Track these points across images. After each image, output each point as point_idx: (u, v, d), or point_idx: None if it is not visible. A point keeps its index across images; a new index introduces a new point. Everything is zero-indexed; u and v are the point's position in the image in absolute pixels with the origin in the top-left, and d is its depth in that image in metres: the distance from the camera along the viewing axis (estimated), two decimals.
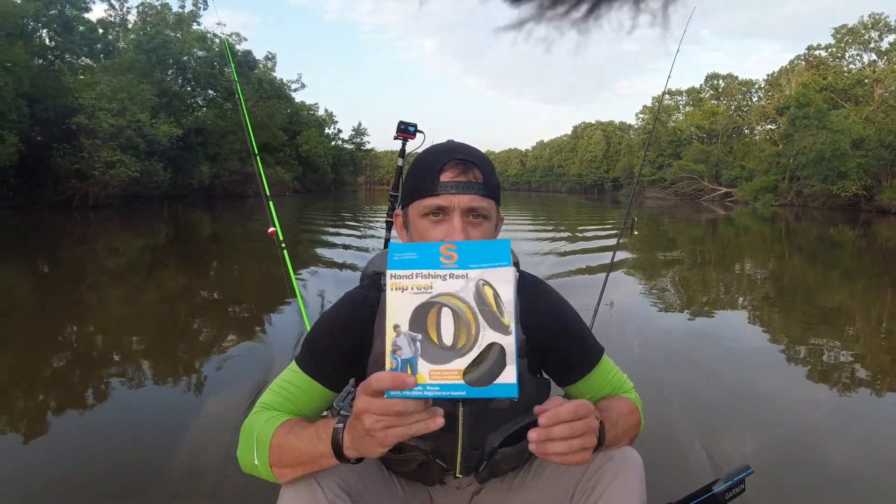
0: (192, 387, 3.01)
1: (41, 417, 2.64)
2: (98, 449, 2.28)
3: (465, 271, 0.74)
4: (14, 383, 3.08)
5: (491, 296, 0.74)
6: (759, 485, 1.87)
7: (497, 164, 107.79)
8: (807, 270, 8.63)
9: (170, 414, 2.64)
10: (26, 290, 5.82)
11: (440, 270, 0.75)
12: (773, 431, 2.56)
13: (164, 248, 9.80)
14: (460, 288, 0.74)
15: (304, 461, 0.88)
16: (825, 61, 36.72)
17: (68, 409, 2.70)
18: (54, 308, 4.89)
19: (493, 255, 0.74)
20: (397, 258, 0.76)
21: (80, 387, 3.01)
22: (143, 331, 4.20)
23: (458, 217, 0.90)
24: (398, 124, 2.25)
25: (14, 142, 14.14)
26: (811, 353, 3.93)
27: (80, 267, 7.39)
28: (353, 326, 0.99)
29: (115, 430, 2.47)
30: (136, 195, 18.04)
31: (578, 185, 71.17)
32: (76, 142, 16.23)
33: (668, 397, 2.82)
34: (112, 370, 3.23)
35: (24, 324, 4.38)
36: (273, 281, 5.25)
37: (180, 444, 2.24)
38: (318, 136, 47.31)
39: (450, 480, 1.10)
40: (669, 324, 4.59)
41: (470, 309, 0.74)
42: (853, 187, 25.37)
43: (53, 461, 2.15)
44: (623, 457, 0.97)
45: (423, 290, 0.75)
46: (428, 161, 0.94)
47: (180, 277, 6.74)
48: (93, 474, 2.06)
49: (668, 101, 49.68)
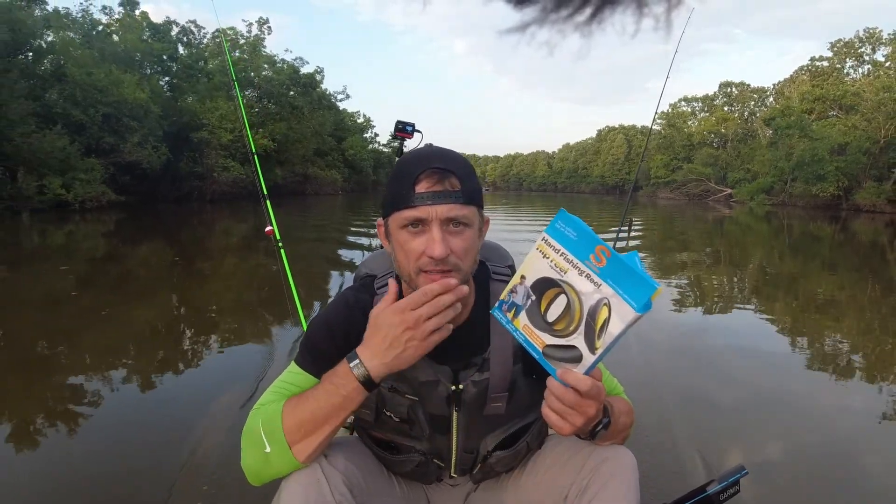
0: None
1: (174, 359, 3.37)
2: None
3: (601, 281, 0.75)
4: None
5: (603, 318, 0.74)
6: (754, 485, 1.94)
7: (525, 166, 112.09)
8: (786, 260, 9.77)
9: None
10: (177, 256, 8.63)
11: (583, 265, 0.76)
12: (767, 431, 2.56)
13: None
14: (587, 291, 0.76)
15: (325, 418, 0.87)
16: (826, 72, 39.94)
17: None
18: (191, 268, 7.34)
19: (633, 290, 0.72)
20: (559, 227, 0.79)
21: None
22: (252, 284, 6.04)
23: (436, 227, 0.86)
24: (395, 124, 2.17)
25: (164, 151, 19.49)
26: (808, 350, 4.04)
27: (215, 241, 11.15)
28: (347, 326, 0.99)
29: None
30: (237, 192, 23.27)
31: (601, 186, 74.68)
32: (198, 150, 21.62)
33: (662, 397, 2.86)
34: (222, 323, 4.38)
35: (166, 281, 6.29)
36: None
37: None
38: (360, 141, 52.41)
39: (446, 479, 1.12)
40: (668, 321, 4.64)
41: (581, 312, 0.76)
42: (831, 189, 29.05)
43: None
44: (617, 457, 0.97)
45: (558, 269, 0.79)
46: (404, 171, 0.90)
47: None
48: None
49: (685, 108, 53.31)
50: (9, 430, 2.50)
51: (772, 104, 45.76)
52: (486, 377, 0.99)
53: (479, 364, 0.99)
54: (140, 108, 18.61)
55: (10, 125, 14.47)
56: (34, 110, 15.57)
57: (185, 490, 1.91)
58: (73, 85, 17.07)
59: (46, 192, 14.76)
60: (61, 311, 4.85)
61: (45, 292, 5.61)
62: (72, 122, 16.65)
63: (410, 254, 0.89)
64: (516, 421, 1.05)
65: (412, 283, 0.91)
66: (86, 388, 2.98)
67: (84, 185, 15.80)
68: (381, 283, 1.04)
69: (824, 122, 32.71)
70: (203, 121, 21.62)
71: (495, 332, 0.99)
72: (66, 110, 16.70)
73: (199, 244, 10.27)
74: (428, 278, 0.88)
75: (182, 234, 11.93)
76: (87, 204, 15.88)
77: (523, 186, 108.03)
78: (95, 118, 17.34)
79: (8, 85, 14.96)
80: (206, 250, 9.29)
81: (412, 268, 0.89)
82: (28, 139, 14.76)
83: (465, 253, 0.90)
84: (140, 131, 18.63)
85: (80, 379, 3.13)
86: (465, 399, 0.99)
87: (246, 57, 31.64)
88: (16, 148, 14.41)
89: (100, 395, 2.87)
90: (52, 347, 3.81)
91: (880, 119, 29.08)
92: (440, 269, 0.88)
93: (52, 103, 16.68)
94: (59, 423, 2.56)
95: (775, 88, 45.86)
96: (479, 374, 0.99)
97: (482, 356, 0.99)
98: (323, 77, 47.30)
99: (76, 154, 16.04)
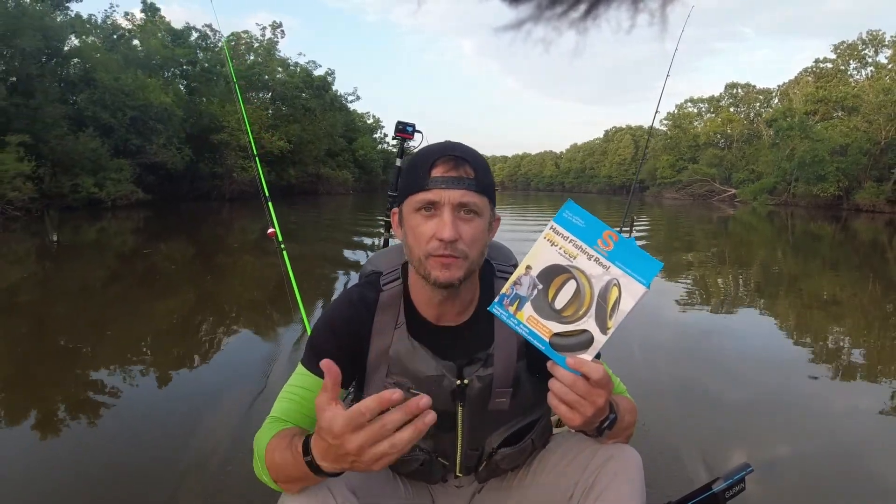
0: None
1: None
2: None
3: (610, 263, 0.80)
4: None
5: (614, 298, 0.79)
6: (759, 483, 1.93)
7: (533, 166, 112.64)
8: (789, 259, 10.04)
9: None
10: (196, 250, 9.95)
11: (591, 249, 0.81)
12: (772, 429, 2.55)
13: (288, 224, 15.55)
14: (597, 274, 0.80)
15: (297, 478, 0.86)
16: (830, 73, 40.21)
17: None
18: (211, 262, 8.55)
19: (641, 269, 0.79)
20: (566, 216, 0.83)
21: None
22: (265, 281, 6.14)
23: (448, 211, 0.89)
24: (396, 124, 2.19)
25: (187, 152, 20.54)
26: (813, 349, 4.01)
27: (234, 238, 12.79)
28: (352, 324, 1.01)
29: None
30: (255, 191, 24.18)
31: (608, 186, 75.05)
32: (217, 151, 22.69)
33: (666, 395, 2.88)
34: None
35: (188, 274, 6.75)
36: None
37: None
38: (370, 142, 53.33)
39: (451, 479, 1.12)
40: (669, 320, 4.67)
41: (591, 294, 0.80)
42: (831, 189, 29.66)
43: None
44: (622, 455, 0.98)
45: (567, 255, 0.82)
46: (421, 158, 0.94)
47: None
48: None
49: (691, 109, 53.83)
50: (22, 416, 2.61)
51: (777, 105, 46.18)
52: (491, 372, 1.00)
53: (484, 359, 1.01)
54: (165, 111, 19.64)
55: (46, 128, 15.47)
56: (66, 113, 16.59)
57: (189, 490, 1.89)
58: (102, 89, 18.09)
59: (80, 191, 15.75)
60: (91, 302, 5.19)
61: (82, 281, 6.15)
62: (101, 124, 17.66)
63: (421, 237, 0.91)
64: (521, 418, 1.06)
65: (421, 268, 0.93)
66: (99, 383, 3.02)
67: (115, 184, 16.82)
68: (387, 280, 1.05)
69: (827, 124, 33.29)
70: (223, 123, 22.68)
71: (499, 328, 1.01)
72: (96, 113, 17.72)
73: (218, 241, 10.96)
74: (437, 262, 0.91)
75: (202, 232, 12.75)
76: (119, 202, 16.88)
77: (531, 186, 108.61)
78: (123, 121, 18.37)
79: (42, 89, 15.99)
80: (225, 248, 9.91)
81: (422, 251, 0.92)
82: (62, 141, 15.77)
83: (474, 241, 0.92)
84: (165, 133, 19.71)
85: (94, 374, 3.18)
86: (469, 394, 1.00)
87: (260, 61, 32.65)
88: (51, 149, 15.40)
89: (117, 389, 2.92)
90: (61, 342, 3.98)
91: (881, 121, 29.64)
92: (448, 253, 0.90)
93: (83, 107, 17.70)
94: (57, 418, 2.60)
95: (780, 90, 46.26)
96: (483, 369, 1.00)
97: (486, 352, 1.01)
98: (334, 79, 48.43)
99: (106, 155, 17.04)
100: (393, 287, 1.04)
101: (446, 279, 0.91)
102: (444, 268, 0.91)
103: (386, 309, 1.02)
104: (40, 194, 14.23)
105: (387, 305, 1.03)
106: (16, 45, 15.28)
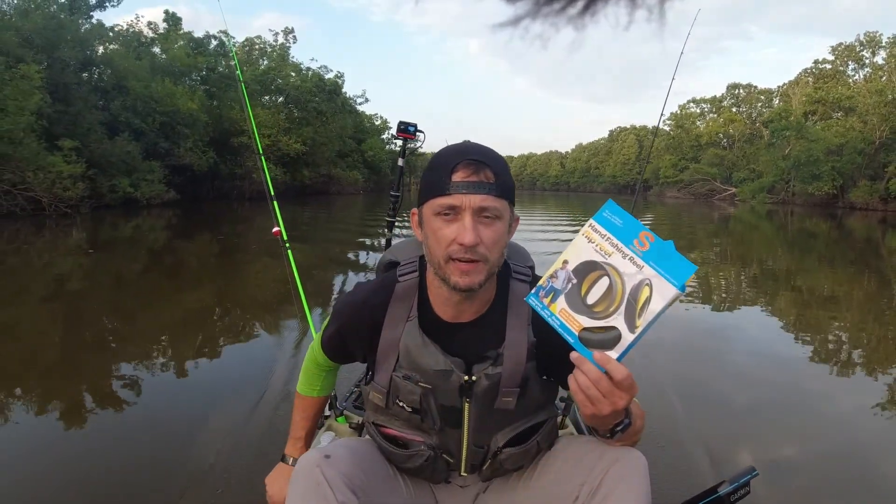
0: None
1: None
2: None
3: (644, 263, 0.81)
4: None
5: (644, 297, 0.80)
6: (765, 487, 1.92)
7: (538, 166, 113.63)
8: (787, 256, 10.34)
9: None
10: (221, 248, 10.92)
11: (627, 249, 0.82)
12: (778, 432, 2.54)
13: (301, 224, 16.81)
14: (630, 272, 0.81)
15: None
16: (829, 74, 40.93)
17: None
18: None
19: (674, 271, 0.79)
20: (606, 215, 0.86)
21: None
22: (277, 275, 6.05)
23: (469, 216, 0.90)
24: (398, 124, 2.19)
25: (211, 155, 21.92)
26: (818, 349, 3.98)
27: (253, 237, 13.29)
28: (366, 310, 1.05)
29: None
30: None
31: (613, 185, 75.69)
32: (238, 154, 24.07)
33: (671, 396, 2.83)
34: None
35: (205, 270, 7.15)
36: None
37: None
38: (378, 143, 54.52)
39: (454, 479, 1.12)
40: (673, 317, 4.61)
41: (623, 292, 0.81)
42: (826, 187, 30.63)
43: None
44: (628, 458, 0.97)
45: (603, 252, 0.84)
46: (441, 161, 0.94)
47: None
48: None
49: (693, 109, 54.75)
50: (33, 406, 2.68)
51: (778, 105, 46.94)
52: (499, 371, 1.01)
53: (494, 358, 1.01)
54: (191, 116, 20.99)
55: (85, 132, 16.80)
56: (101, 119, 17.94)
57: (194, 493, 1.91)
58: (133, 97, 19.45)
59: (117, 191, 17.07)
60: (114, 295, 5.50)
61: (118, 273, 6.66)
62: (133, 129, 19.01)
63: (441, 241, 0.92)
64: (527, 419, 1.07)
65: (441, 270, 0.95)
66: (99, 383, 3.06)
67: (148, 185, 18.14)
68: (404, 271, 1.07)
69: (824, 124, 34.23)
70: (242, 127, 24.02)
71: (511, 329, 1.02)
72: (129, 119, 19.07)
73: (239, 237, 11.77)
74: (456, 268, 0.92)
75: (225, 229, 13.80)
76: (153, 201, 18.21)
77: (537, 186, 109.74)
78: (153, 126, 19.72)
79: (80, 96, 17.32)
80: (245, 245, 10.52)
81: (442, 255, 0.93)
82: (101, 145, 17.11)
83: (494, 244, 0.93)
84: (191, 137, 21.05)
85: (94, 374, 3.22)
86: (476, 391, 1.02)
87: (274, 66, 33.94)
88: (91, 152, 16.73)
89: (117, 389, 2.93)
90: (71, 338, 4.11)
91: (875, 121, 30.54)
92: (469, 257, 0.91)
93: (116, 113, 19.04)
94: (57, 413, 2.65)
95: (780, 90, 47.09)
96: (492, 367, 1.01)
97: (497, 350, 1.02)
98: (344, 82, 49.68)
99: (138, 157, 18.37)
100: (409, 279, 1.06)
101: (466, 285, 0.93)
102: (463, 274, 0.92)
103: (400, 300, 1.04)
104: (89, 193, 15.55)
105: (401, 297, 1.04)
106: (56, 56, 16.64)
